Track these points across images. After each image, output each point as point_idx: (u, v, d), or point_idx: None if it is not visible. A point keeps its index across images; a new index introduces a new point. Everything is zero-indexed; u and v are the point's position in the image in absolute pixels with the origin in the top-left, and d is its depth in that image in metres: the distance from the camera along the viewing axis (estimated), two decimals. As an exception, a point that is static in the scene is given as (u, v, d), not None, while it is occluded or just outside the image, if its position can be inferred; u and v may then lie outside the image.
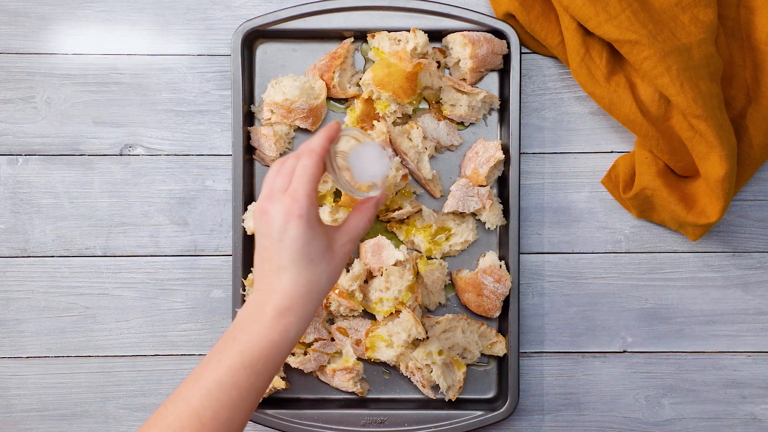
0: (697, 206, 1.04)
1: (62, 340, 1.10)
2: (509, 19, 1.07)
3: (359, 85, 1.08)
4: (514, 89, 1.06)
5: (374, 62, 1.08)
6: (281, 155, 1.09)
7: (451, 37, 1.07)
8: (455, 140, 1.09)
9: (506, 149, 1.07)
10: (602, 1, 1.00)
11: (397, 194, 1.07)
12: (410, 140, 1.06)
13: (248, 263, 1.08)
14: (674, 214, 1.04)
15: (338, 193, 1.08)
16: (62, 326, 1.10)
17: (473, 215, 1.09)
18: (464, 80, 1.08)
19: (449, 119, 1.09)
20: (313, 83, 1.07)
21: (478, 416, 1.06)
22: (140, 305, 1.10)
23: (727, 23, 1.06)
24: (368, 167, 0.90)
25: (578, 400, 1.10)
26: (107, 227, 1.10)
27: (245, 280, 1.06)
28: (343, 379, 1.07)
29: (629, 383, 1.10)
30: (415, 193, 1.09)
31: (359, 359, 1.08)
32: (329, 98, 1.09)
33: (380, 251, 1.06)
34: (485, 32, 1.06)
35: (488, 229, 1.09)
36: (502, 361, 1.09)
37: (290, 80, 1.06)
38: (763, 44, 1.05)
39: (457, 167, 1.10)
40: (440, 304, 1.09)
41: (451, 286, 1.10)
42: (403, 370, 1.07)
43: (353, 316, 1.08)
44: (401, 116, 1.07)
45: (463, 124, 1.10)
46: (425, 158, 1.07)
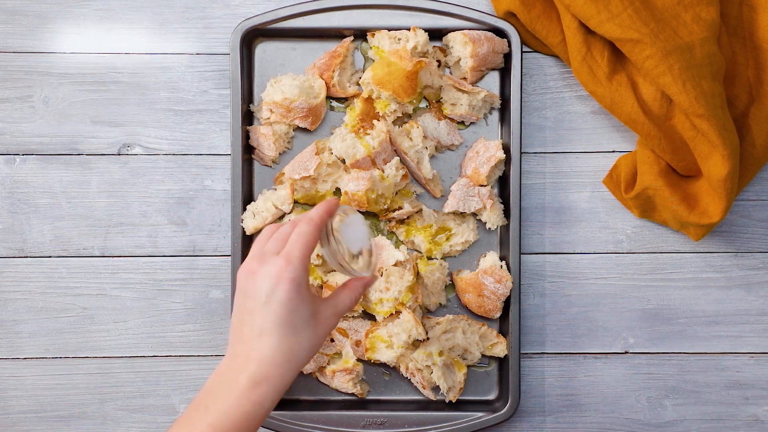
0: (699, 206, 1.03)
1: (60, 340, 1.09)
2: (510, 17, 1.07)
3: (359, 84, 1.08)
4: (515, 88, 1.05)
5: (374, 61, 1.07)
6: (280, 155, 1.08)
7: (451, 35, 1.07)
8: (456, 140, 1.09)
9: (507, 149, 1.07)
10: (604, -1, 1.00)
11: (397, 194, 1.06)
12: (410, 140, 1.06)
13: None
14: (676, 214, 1.04)
15: (338, 191, 1.07)
16: (60, 327, 1.09)
17: (474, 215, 1.09)
18: (465, 79, 1.08)
19: (450, 118, 1.09)
20: (312, 82, 1.06)
21: (478, 418, 1.06)
22: (138, 306, 1.10)
23: (729, 22, 1.06)
24: (358, 236, 0.89)
25: (579, 401, 1.10)
26: (105, 227, 1.09)
27: None
28: (342, 380, 1.06)
29: (631, 384, 1.10)
30: (415, 192, 1.08)
31: (359, 360, 1.07)
32: (329, 97, 1.09)
33: (380, 251, 1.06)
34: (486, 31, 1.06)
35: (489, 229, 1.08)
36: (502, 362, 1.08)
37: (289, 79, 1.06)
38: (765, 43, 1.05)
39: (457, 167, 1.09)
40: (440, 304, 1.09)
41: (451, 286, 1.09)
42: (403, 371, 1.07)
43: (353, 316, 1.08)
44: (401, 115, 1.07)
45: (463, 123, 1.10)
46: (425, 158, 1.06)
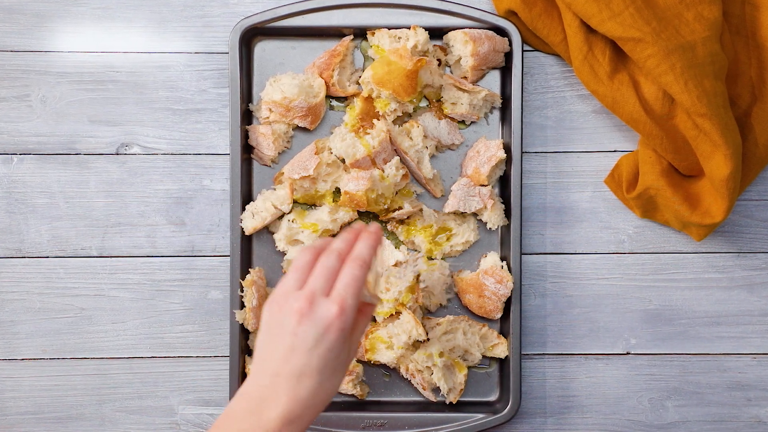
0: (701, 206, 1.03)
1: (57, 341, 1.09)
2: (511, 16, 1.07)
3: (359, 83, 1.08)
4: (515, 87, 1.05)
5: (374, 60, 1.07)
6: (280, 154, 1.08)
7: (452, 34, 1.06)
8: (456, 139, 1.08)
9: (508, 148, 1.06)
10: (605, -3, 1.00)
11: (397, 194, 1.06)
12: (411, 139, 1.06)
13: (246, 264, 1.07)
14: (678, 214, 1.04)
15: (338, 191, 1.07)
16: (57, 328, 1.09)
17: (474, 215, 1.09)
18: (465, 78, 1.07)
19: (450, 118, 1.09)
20: (312, 81, 1.06)
21: (479, 419, 1.05)
22: (136, 306, 1.09)
23: (732, 20, 1.06)
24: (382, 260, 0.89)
25: (581, 402, 1.10)
26: (103, 227, 1.09)
27: (243, 281, 1.05)
28: (342, 381, 1.06)
29: (633, 386, 1.10)
30: (415, 192, 1.08)
31: (359, 361, 1.07)
32: (328, 96, 1.09)
33: (380, 252, 1.05)
34: (487, 29, 1.06)
35: (490, 229, 1.08)
36: (503, 363, 1.08)
37: (289, 78, 1.05)
38: (768, 42, 1.05)
39: (458, 166, 1.09)
40: (441, 305, 1.08)
41: (452, 286, 1.09)
42: (403, 372, 1.06)
43: None
44: (401, 115, 1.07)
45: (464, 122, 1.09)
46: (426, 157, 1.06)
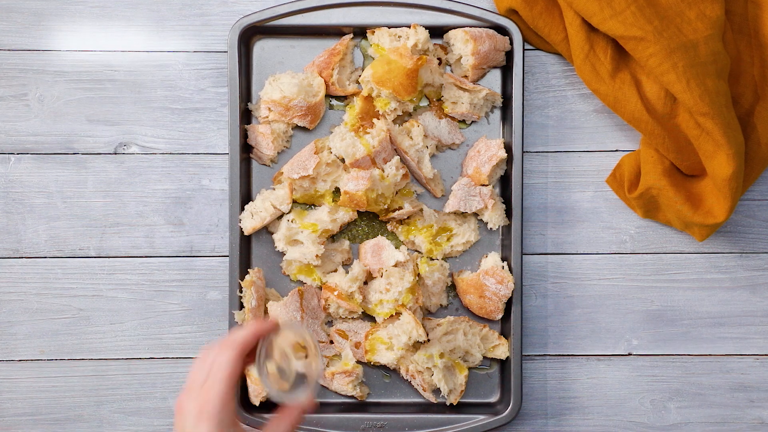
0: (703, 206, 1.03)
1: (55, 342, 1.09)
2: (512, 14, 1.06)
3: (359, 82, 1.07)
4: (516, 86, 1.05)
5: (374, 59, 1.07)
6: (279, 154, 1.08)
7: (452, 33, 1.06)
8: (457, 138, 1.08)
9: (509, 148, 1.06)
10: (607, -4, 0.99)
11: (397, 194, 1.06)
12: (411, 138, 1.05)
13: (245, 264, 1.07)
14: (680, 213, 1.03)
15: (337, 191, 1.06)
16: (55, 328, 1.09)
17: (475, 215, 1.08)
18: (466, 77, 1.07)
19: (450, 117, 1.08)
20: (311, 80, 1.06)
21: (480, 421, 1.05)
22: (135, 307, 1.09)
23: (734, 19, 1.06)
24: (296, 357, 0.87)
25: (582, 404, 1.09)
26: (101, 227, 1.09)
27: (242, 281, 1.04)
28: (342, 382, 1.05)
29: (634, 387, 1.09)
30: (415, 192, 1.07)
31: (359, 362, 1.06)
32: (328, 95, 1.08)
33: (380, 252, 1.05)
34: (487, 28, 1.06)
35: (490, 229, 1.07)
36: (504, 364, 1.07)
37: (288, 77, 1.05)
38: (771, 40, 1.04)
39: (458, 166, 1.09)
40: (441, 305, 1.08)
41: (452, 287, 1.08)
42: (403, 373, 1.06)
43: (352, 318, 1.07)
44: (401, 114, 1.06)
45: (464, 122, 1.09)
46: (426, 157, 1.06)
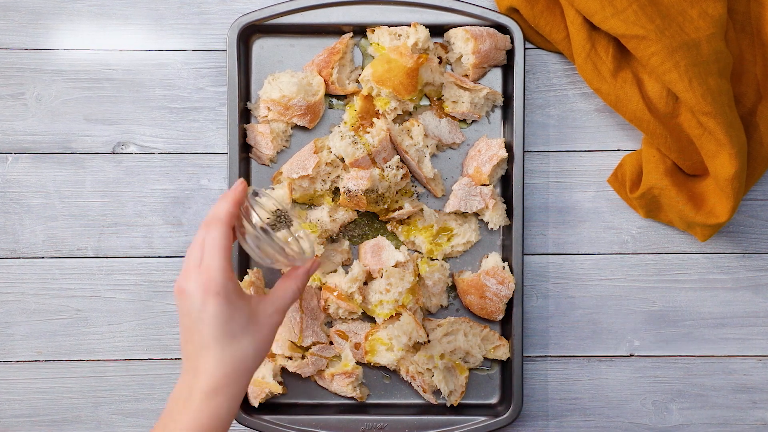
0: (705, 206, 1.02)
1: (53, 343, 1.08)
2: (513, 13, 1.06)
3: (358, 81, 1.07)
4: (517, 86, 1.04)
5: (374, 58, 1.06)
6: (278, 153, 1.07)
7: (453, 32, 1.06)
8: (457, 138, 1.07)
9: (510, 147, 1.06)
10: (609, -6, 0.99)
11: (397, 194, 1.05)
12: (411, 138, 1.05)
13: (244, 265, 1.06)
14: (682, 213, 1.03)
15: (336, 191, 1.06)
16: (53, 329, 1.08)
17: (476, 215, 1.08)
18: (466, 76, 1.07)
19: (451, 116, 1.08)
20: (311, 79, 1.05)
21: (480, 422, 1.05)
22: (133, 308, 1.08)
23: (736, 18, 1.05)
24: (279, 216, 0.89)
25: (584, 405, 1.09)
26: (99, 227, 1.08)
27: (241, 282, 1.04)
28: (341, 383, 1.05)
29: (636, 388, 1.09)
30: (416, 192, 1.07)
31: (358, 363, 1.06)
32: (327, 95, 1.08)
33: (380, 252, 1.04)
34: (488, 27, 1.05)
35: (491, 229, 1.07)
36: (505, 365, 1.07)
37: (287, 76, 1.05)
38: (774, 39, 1.04)
39: (459, 166, 1.08)
40: (442, 306, 1.08)
41: (452, 288, 1.08)
42: (403, 374, 1.05)
43: (352, 318, 1.06)
44: (402, 113, 1.06)
45: (465, 121, 1.09)
46: (426, 157, 1.05)
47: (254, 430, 1.05)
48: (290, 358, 1.05)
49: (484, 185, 1.05)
